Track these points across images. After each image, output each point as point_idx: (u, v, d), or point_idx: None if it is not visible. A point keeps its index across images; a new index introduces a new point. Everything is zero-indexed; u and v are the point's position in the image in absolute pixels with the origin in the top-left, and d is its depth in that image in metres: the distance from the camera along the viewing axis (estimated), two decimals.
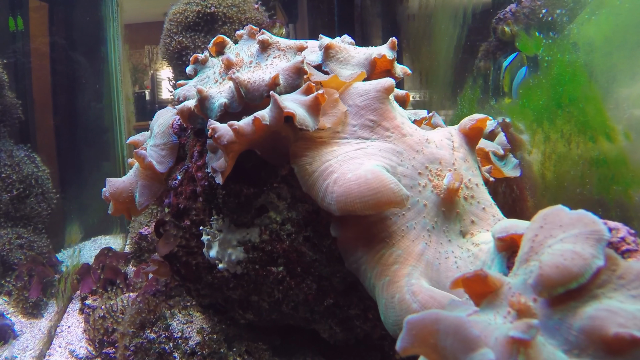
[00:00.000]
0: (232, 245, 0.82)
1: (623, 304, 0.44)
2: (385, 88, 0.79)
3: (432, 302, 0.61)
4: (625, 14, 1.02)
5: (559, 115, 1.07)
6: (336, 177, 0.69)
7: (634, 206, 0.98)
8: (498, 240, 0.65)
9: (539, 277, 0.47)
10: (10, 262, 2.19)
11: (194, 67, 0.93)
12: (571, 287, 0.45)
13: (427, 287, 0.64)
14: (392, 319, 0.64)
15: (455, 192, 0.73)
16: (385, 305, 0.65)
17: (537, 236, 0.54)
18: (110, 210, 0.99)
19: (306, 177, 0.73)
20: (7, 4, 2.83)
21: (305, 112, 0.72)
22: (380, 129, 0.77)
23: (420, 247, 0.69)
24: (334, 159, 0.72)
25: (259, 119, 0.69)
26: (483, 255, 0.70)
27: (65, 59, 3.04)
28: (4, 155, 2.40)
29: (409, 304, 0.62)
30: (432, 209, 0.73)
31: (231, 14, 2.24)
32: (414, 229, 0.70)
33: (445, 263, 0.69)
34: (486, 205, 0.78)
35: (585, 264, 0.46)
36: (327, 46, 0.88)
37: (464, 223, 0.75)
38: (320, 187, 0.70)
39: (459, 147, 0.81)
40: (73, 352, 1.68)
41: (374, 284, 0.68)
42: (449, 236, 0.73)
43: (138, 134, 1.08)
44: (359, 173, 0.67)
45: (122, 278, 1.93)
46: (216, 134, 0.71)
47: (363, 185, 0.66)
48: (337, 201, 0.67)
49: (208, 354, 0.89)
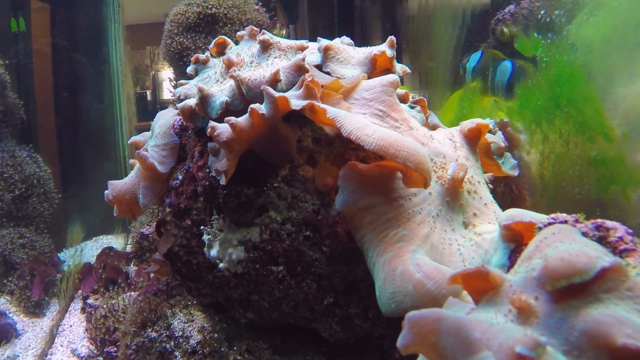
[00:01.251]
0: (233, 244, 0.82)
1: (630, 315, 0.44)
2: (391, 82, 0.79)
3: (436, 273, 0.60)
4: (623, 15, 1.03)
5: (557, 116, 1.07)
6: (376, 128, 0.67)
7: (632, 205, 0.99)
8: (504, 228, 0.64)
9: (544, 269, 0.47)
10: (12, 262, 2.20)
11: (194, 67, 0.94)
12: (575, 280, 0.45)
13: (433, 262, 0.63)
14: (389, 291, 0.62)
15: (459, 181, 0.74)
16: (384, 279, 0.64)
17: (547, 239, 0.54)
18: (115, 213, 1.00)
19: (336, 110, 0.70)
20: (9, 5, 2.84)
21: (300, 100, 0.72)
22: (389, 119, 0.77)
23: (425, 231, 0.69)
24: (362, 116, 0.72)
25: (256, 109, 0.69)
26: (486, 244, 0.70)
27: (67, 59, 3.05)
28: (6, 156, 2.42)
29: (412, 274, 0.61)
30: (437, 198, 0.73)
31: (232, 15, 2.25)
32: (420, 213, 0.71)
33: (449, 249, 0.70)
34: (488, 202, 0.79)
35: (590, 261, 0.46)
36: (326, 47, 0.88)
37: (467, 215, 0.76)
38: (359, 121, 0.67)
39: (461, 147, 0.82)
40: (75, 351, 1.69)
41: (374, 261, 0.67)
42: (453, 225, 0.73)
43: (139, 134, 1.08)
44: (407, 137, 0.67)
45: (124, 277, 1.94)
46: (215, 131, 0.72)
47: (412, 144, 0.66)
48: (381, 137, 0.64)
49: (209, 352, 0.89)
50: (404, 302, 0.60)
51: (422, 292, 0.59)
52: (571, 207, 1.04)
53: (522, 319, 0.47)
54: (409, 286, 0.60)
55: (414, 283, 0.60)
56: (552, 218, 0.84)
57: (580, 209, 0.84)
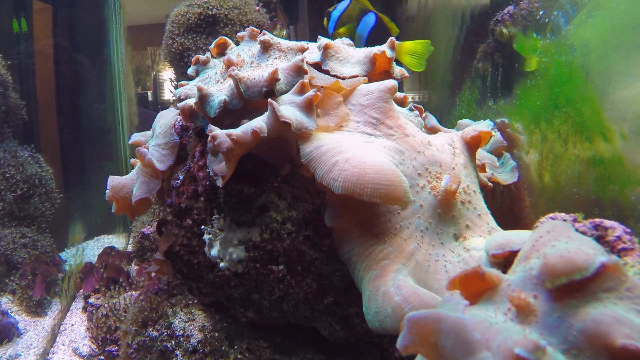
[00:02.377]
0: (233, 244, 0.82)
1: (629, 315, 0.44)
2: (389, 88, 0.80)
3: (414, 297, 0.61)
4: (621, 16, 1.03)
5: (556, 116, 1.07)
6: (349, 157, 0.67)
7: (630, 205, 0.99)
8: (492, 257, 0.65)
9: (543, 267, 0.48)
10: (14, 261, 2.21)
11: (195, 68, 0.94)
12: (575, 277, 0.45)
13: (413, 284, 0.64)
14: (373, 310, 0.64)
15: (452, 194, 0.73)
16: (369, 297, 0.65)
17: (542, 238, 0.54)
18: (113, 209, 1.01)
19: (310, 149, 0.70)
20: (11, 6, 2.85)
21: (301, 114, 0.73)
22: (383, 127, 0.78)
23: (411, 247, 0.69)
24: (344, 142, 0.72)
25: (257, 131, 0.69)
26: (473, 262, 0.70)
27: (68, 60, 3.06)
28: (8, 156, 2.42)
29: (392, 297, 0.62)
30: (428, 210, 0.73)
31: (232, 16, 2.25)
32: (407, 228, 0.71)
33: (434, 265, 0.70)
34: (482, 213, 0.79)
35: (589, 258, 0.46)
36: (325, 46, 0.89)
37: (459, 227, 0.75)
38: (327, 162, 0.68)
39: (460, 154, 0.82)
40: (76, 350, 1.70)
41: (361, 277, 0.68)
42: (442, 238, 0.73)
43: (139, 133, 1.09)
44: (376, 160, 0.67)
45: (125, 277, 1.94)
46: (216, 141, 0.72)
47: (379, 173, 0.65)
48: (345, 179, 0.65)
49: (209, 351, 0.90)
50: (385, 322, 0.62)
51: (400, 315, 0.61)
52: (570, 207, 1.04)
53: (521, 317, 0.47)
54: (388, 308, 0.62)
55: (393, 306, 0.62)
56: (550, 217, 0.85)
57: (579, 209, 0.85)
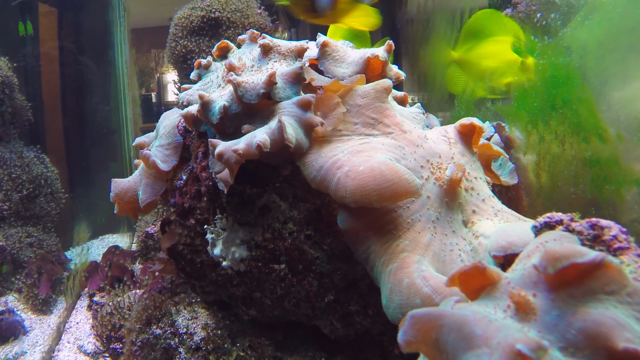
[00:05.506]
0: (236, 243, 0.83)
1: (628, 320, 0.44)
2: (385, 88, 0.81)
3: (444, 288, 0.60)
4: (618, 19, 1.04)
5: (553, 117, 1.08)
6: (347, 171, 0.68)
7: (626, 205, 0.99)
8: (493, 258, 0.65)
9: (544, 254, 0.47)
10: (20, 260, 2.23)
11: (197, 72, 0.95)
12: (576, 260, 0.45)
13: (438, 275, 0.64)
14: (397, 302, 0.63)
15: (457, 182, 0.74)
16: (391, 290, 0.65)
17: (547, 242, 0.55)
18: (115, 210, 1.01)
19: (314, 173, 0.72)
20: (17, 9, 2.88)
21: (302, 134, 0.74)
22: (381, 126, 0.79)
23: (426, 238, 0.69)
24: (340, 154, 0.72)
25: (261, 146, 0.70)
26: (482, 250, 0.70)
27: (73, 62, 3.09)
28: (14, 156, 2.45)
29: (419, 288, 0.61)
30: (436, 201, 0.73)
31: (235, 19, 2.27)
32: (419, 221, 0.71)
33: (450, 255, 0.70)
34: (486, 197, 0.80)
35: (586, 251, 0.47)
36: (322, 44, 0.89)
37: (466, 213, 0.75)
38: (331, 181, 0.69)
39: (455, 143, 0.83)
40: (81, 348, 1.72)
41: (380, 271, 0.68)
42: (453, 226, 0.73)
43: (144, 135, 1.10)
44: (372, 165, 0.67)
45: (129, 275, 1.96)
46: (223, 158, 0.72)
47: (378, 177, 0.65)
48: (352, 194, 0.66)
49: (212, 349, 0.91)
50: None
51: (431, 306, 0.60)
52: (567, 207, 1.05)
53: (520, 315, 0.47)
54: (417, 300, 0.61)
55: (422, 297, 0.61)
56: (548, 217, 0.85)
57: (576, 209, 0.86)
